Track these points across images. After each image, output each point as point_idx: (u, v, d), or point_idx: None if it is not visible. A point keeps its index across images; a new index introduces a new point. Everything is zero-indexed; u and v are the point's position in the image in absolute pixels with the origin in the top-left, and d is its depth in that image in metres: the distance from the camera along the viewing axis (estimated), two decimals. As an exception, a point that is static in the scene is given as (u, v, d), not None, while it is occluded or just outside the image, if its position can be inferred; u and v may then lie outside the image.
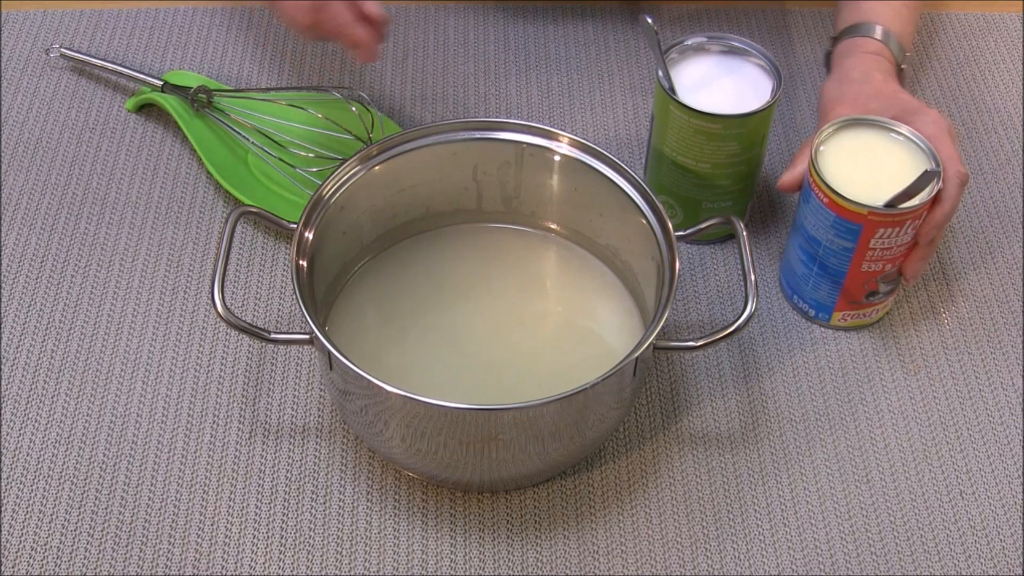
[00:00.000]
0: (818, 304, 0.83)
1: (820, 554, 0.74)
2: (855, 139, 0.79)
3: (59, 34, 1.02)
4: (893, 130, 0.79)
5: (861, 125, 0.80)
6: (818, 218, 0.78)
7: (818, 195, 0.77)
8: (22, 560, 0.73)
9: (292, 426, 0.79)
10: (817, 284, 0.82)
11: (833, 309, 0.83)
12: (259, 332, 0.72)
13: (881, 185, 0.76)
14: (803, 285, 0.83)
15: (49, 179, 0.92)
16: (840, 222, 0.77)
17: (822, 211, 0.77)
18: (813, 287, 0.82)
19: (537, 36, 1.03)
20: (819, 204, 0.77)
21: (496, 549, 0.74)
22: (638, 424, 0.80)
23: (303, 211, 0.76)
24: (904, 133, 0.79)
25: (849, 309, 0.82)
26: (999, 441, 0.79)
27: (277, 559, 0.73)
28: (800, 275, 0.82)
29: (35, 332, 0.83)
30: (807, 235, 0.80)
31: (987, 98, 0.99)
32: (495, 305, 0.82)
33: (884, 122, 0.79)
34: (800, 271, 0.82)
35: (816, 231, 0.79)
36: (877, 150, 0.79)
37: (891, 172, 0.77)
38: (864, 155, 0.78)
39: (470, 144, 0.80)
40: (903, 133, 0.79)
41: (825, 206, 0.77)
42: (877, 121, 0.80)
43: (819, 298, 0.82)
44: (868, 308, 0.82)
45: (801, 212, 0.80)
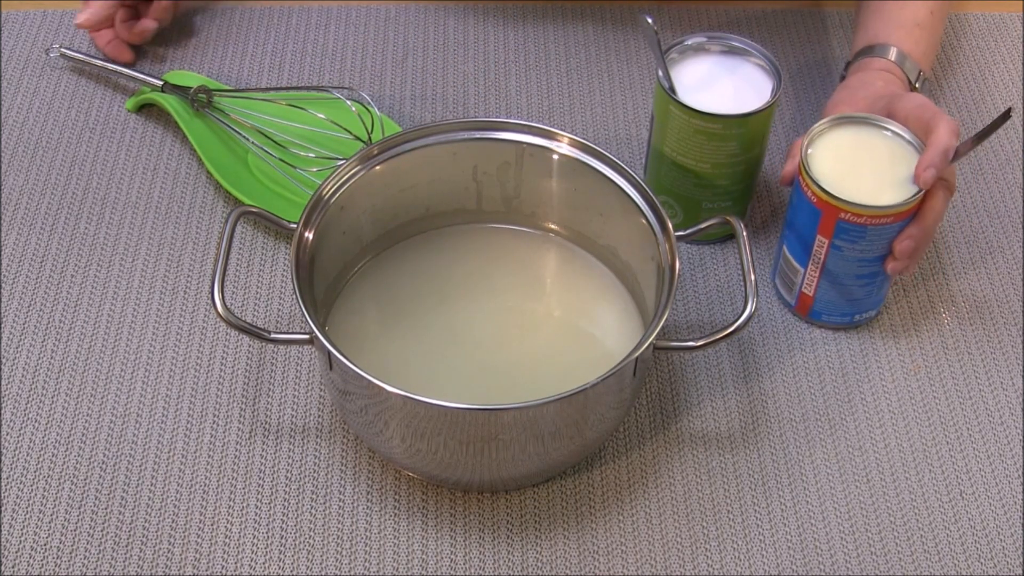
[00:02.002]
0: (879, 300, 0.83)
1: (820, 554, 0.74)
2: (843, 137, 0.79)
3: (59, 34, 1.02)
4: (883, 127, 0.79)
5: (850, 123, 0.80)
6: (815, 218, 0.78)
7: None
8: (22, 560, 0.73)
9: (292, 426, 0.79)
10: (880, 286, 0.82)
11: (887, 291, 0.83)
12: (259, 332, 0.72)
13: (876, 183, 0.77)
14: (864, 301, 0.82)
15: (49, 179, 0.92)
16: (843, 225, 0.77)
17: (812, 211, 0.78)
18: (876, 291, 0.82)
19: (537, 36, 1.03)
20: (810, 205, 0.78)
21: (496, 549, 0.74)
22: (638, 424, 0.80)
23: (303, 211, 0.76)
24: (893, 129, 0.79)
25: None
26: (999, 441, 0.79)
27: (277, 559, 0.73)
28: (863, 295, 0.82)
29: (35, 332, 0.83)
30: (867, 260, 0.79)
31: (987, 98, 0.99)
32: (495, 305, 0.82)
33: (873, 119, 0.79)
34: (860, 292, 0.82)
35: (877, 250, 0.79)
36: (866, 147, 0.79)
37: (881, 168, 0.78)
38: (853, 152, 0.78)
39: (470, 144, 0.80)
40: (891, 129, 0.79)
41: (815, 205, 0.77)
42: (866, 119, 0.79)
43: (880, 294, 0.83)
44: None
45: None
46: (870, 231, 0.76)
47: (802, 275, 0.81)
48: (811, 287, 0.82)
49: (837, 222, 0.77)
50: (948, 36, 1.04)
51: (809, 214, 0.78)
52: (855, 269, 0.79)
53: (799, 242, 0.80)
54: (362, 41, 1.03)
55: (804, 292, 0.82)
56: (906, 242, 0.77)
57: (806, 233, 0.79)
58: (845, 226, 0.76)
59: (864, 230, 0.76)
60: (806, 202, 0.78)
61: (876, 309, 0.84)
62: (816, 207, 0.77)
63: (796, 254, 0.81)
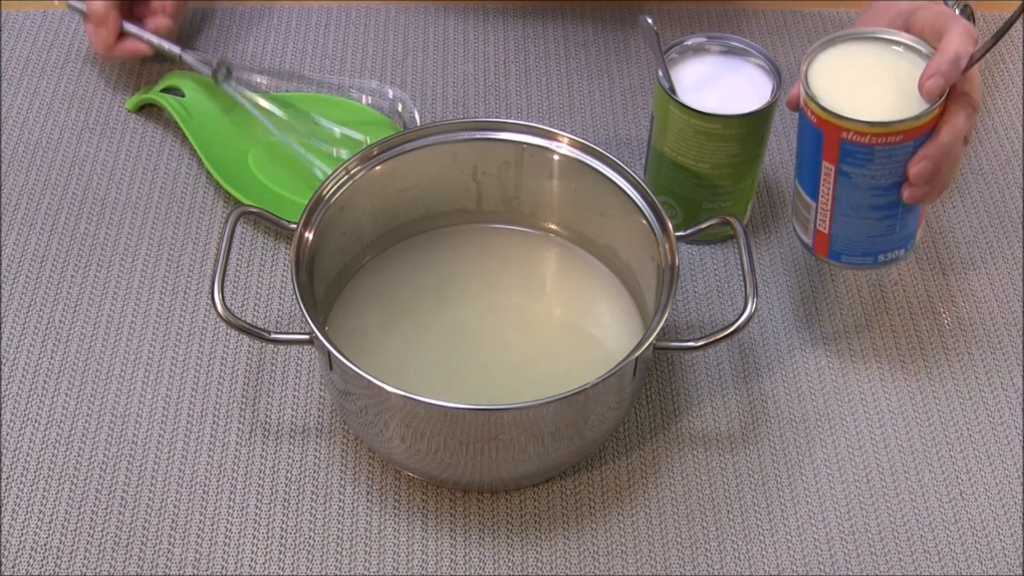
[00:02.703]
0: (907, 238, 0.77)
1: (820, 554, 0.74)
2: (848, 53, 0.73)
3: (59, 34, 1.02)
4: (893, 40, 0.73)
5: (855, 39, 0.74)
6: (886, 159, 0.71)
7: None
8: (22, 560, 0.73)
9: (292, 426, 0.79)
10: (904, 219, 0.75)
11: (917, 228, 0.77)
12: (259, 332, 0.72)
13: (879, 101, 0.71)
14: (887, 237, 0.76)
15: (49, 179, 0.92)
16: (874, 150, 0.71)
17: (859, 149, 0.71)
18: (900, 227, 0.75)
19: (537, 36, 1.03)
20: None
21: (496, 549, 0.74)
22: (638, 424, 0.80)
23: (303, 211, 0.76)
24: (905, 42, 0.72)
25: (922, 216, 0.77)
26: (999, 441, 0.79)
27: (277, 559, 0.73)
28: (884, 229, 0.75)
29: (35, 332, 0.83)
30: (882, 188, 0.72)
31: (987, 98, 0.99)
32: (495, 305, 0.82)
33: (882, 33, 0.73)
34: (880, 226, 0.75)
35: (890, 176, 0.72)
36: (873, 62, 0.72)
37: (889, 84, 0.71)
38: (858, 69, 0.72)
39: (470, 144, 0.81)
40: (904, 42, 0.72)
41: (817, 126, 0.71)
42: (874, 33, 0.73)
43: (907, 229, 0.76)
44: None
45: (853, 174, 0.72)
46: (878, 152, 0.70)
47: (815, 210, 0.75)
48: (825, 223, 0.76)
49: (840, 144, 0.71)
50: (948, 36, 1.04)
51: (812, 138, 0.72)
52: (869, 199, 0.73)
53: (808, 173, 0.74)
54: (362, 41, 1.02)
55: (819, 230, 0.76)
56: (921, 164, 0.70)
57: (812, 161, 0.73)
58: (850, 148, 0.71)
59: (871, 151, 0.70)
60: (808, 125, 0.72)
61: (905, 248, 0.77)
62: (817, 128, 0.71)
63: (807, 187, 0.75)
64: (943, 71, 0.69)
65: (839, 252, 0.77)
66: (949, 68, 0.69)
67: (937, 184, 0.71)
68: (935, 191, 0.72)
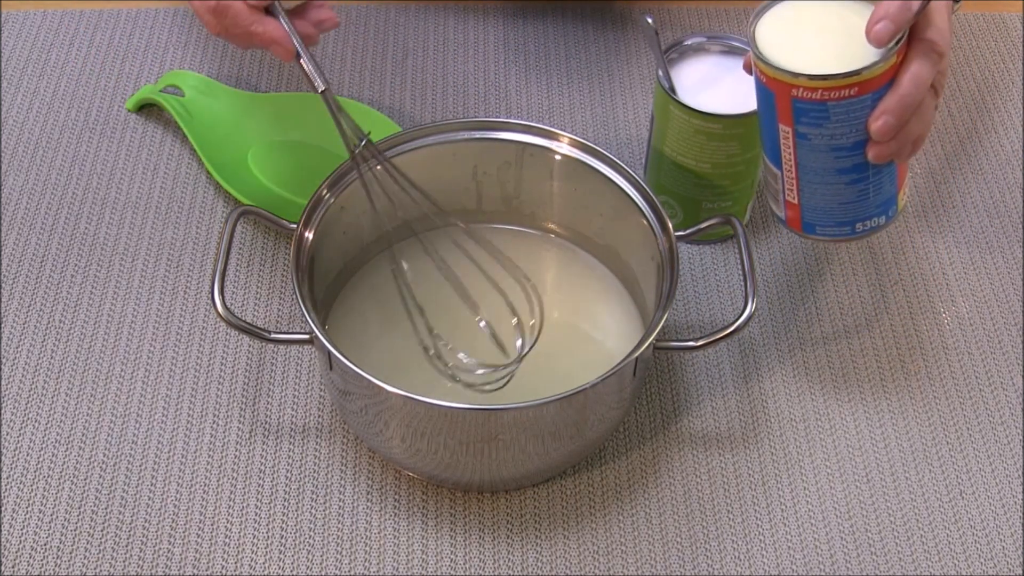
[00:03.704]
0: (885, 204, 0.72)
1: (820, 554, 0.74)
2: (798, 7, 0.68)
3: (59, 34, 1.02)
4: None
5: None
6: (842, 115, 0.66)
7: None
8: (22, 560, 0.73)
9: (292, 426, 0.79)
10: (879, 183, 0.70)
11: (898, 193, 0.72)
12: (259, 332, 0.72)
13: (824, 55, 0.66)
14: (861, 204, 0.71)
15: (49, 179, 0.92)
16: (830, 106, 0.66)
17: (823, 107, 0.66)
18: (875, 191, 0.70)
19: (537, 36, 1.03)
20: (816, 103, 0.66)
21: (496, 549, 0.74)
22: (638, 424, 0.80)
23: (303, 211, 0.76)
24: None
25: (903, 176, 0.72)
26: (999, 441, 0.79)
27: (277, 559, 0.73)
28: (856, 195, 0.70)
29: (35, 332, 0.83)
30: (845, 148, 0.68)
31: (987, 98, 0.99)
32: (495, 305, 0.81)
33: None
34: (852, 192, 0.70)
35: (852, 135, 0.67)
36: (825, 15, 0.67)
37: (842, 36, 0.66)
38: (809, 22, 0.68)
39: (470, 144, 0.81)
40: None
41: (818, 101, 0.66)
42: None
43: (884, 195, 0.71)
44: (908, 165, 0.73)
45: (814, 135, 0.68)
46: (832, 109, 0.66)
47: (781, 180, 0.71)
48: (793, 193, 0.71)
49: (793, 103, 0.66)
50: (948, 36, 1.04)
51: (765, 100, 0.68)
52: (833, 162, 0.68)
53: (769, 140, 0.70)
54: (362, 41, 1.03)
55: (789, 200, 0.72)
56: (882, 118, 0.65)
57: (770, 126, 0.69)
58: (802, 106, 0.66)
59: (825, 108, 0.66)
60: (761, 86, 0.68)
61: (886, 215, 0.72)
62: (768, 88, 0.67)
63: (770, 155, 0.71)
64: (892, 15, 0.63)
65: (812, 224, 0.72)
66: (899, 12, 0.63)
67: (905, 140, 0.66)
68: (905, 148, 0.67)
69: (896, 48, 0.64)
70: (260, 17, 0.70)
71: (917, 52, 0.65)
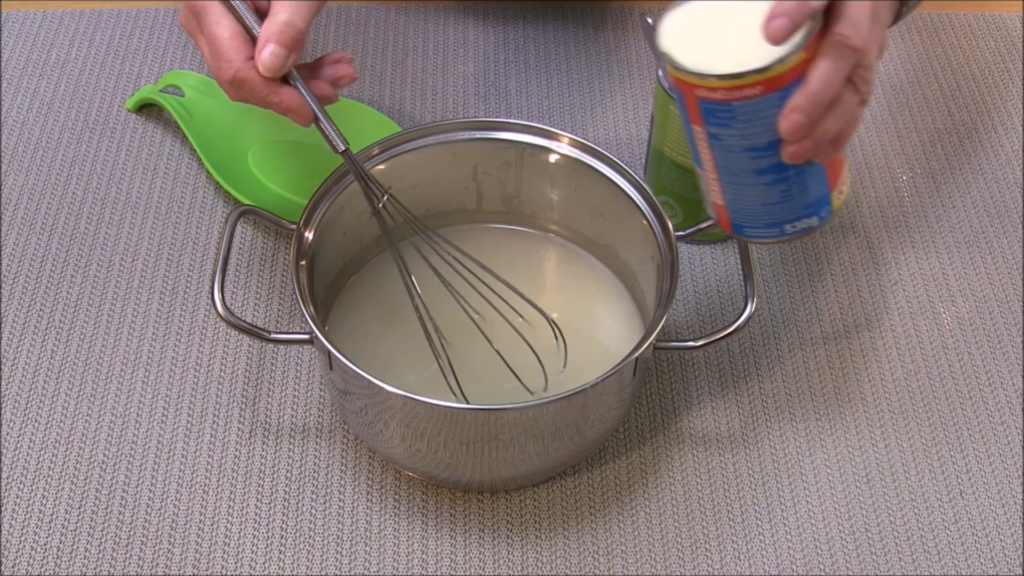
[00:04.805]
0: (815, 204, 0.69)
1: (820, 554, 0.74)
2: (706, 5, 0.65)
3: (59, 34, 1.02)
4: None
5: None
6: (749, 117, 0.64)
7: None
8: (22, 560, 0.73)
9: (292, 426, 0.79)
10: (802, 184, 0.67)
11: (830, 192, 0.69)
12: (259, 332, 0.72)
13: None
14: (786, 205, 0.68)
15: (49, 179, 0.92)
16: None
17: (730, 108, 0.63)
18: (799, 192, 0.68)
19: (537, 36, 1.03)
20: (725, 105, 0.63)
21: (496, 549, 0.74)
22: (638, 424, 0.80)
23: (303, 211, 0.76)
24: None
25: (836, 174, 0.69)
26: (999, 441, 0.79)
27: (277, 559, 0.73)
28: (778, 196, 0.67)
29: (35, 332, 0.83)
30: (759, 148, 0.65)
31: (987, 98, 0.99)
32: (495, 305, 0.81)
33: None
34: (773, 192, 0.67)
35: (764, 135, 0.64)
36: (732, 11, 0.64)
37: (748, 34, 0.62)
38: (715, 20, 0.64)
39: (470, 144, 0.81)
40: None
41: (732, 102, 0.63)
42: None
43: (812, 195, 0.68)
44: (844, 162, 0.70)
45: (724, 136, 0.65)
46: (738, 109, 0.63)
47: (705, 180, 0.69)
48: (717, 193, 0.69)
49: (699, 103, 0.64)
50: (948, 36, 1.04)
51: (678, 102, 0.65)
52: (749, 163, 0.65)
53: (689, 141, 0.68)
54: (362, 41, 1.03)
55: (715, 202, 0.69)
56: (790, 117, 0.62)
57: (687, 127, 0.67)
58: (708, 106, 0.63)
59: (730, 108, 0.63)
60: (672, 87, 0.65)
61: (817, 215, 0.69)
62: (677, 89, 0.64)
63: (693, 156, 0.68)
64: (788, 11, 0.60)
65: (740, 224, 0.70)
66: (796, 8, 0.60)
67: (822, 139, 0.63)
68: (823, 147, 0.64)
69: (804, 44, 0.61)
70: (275, 87, 0.70)
71: (827, 47, 0.62)
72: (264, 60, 0.68)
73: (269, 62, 0.68)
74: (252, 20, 0.69)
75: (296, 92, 0.70)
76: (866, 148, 0.95)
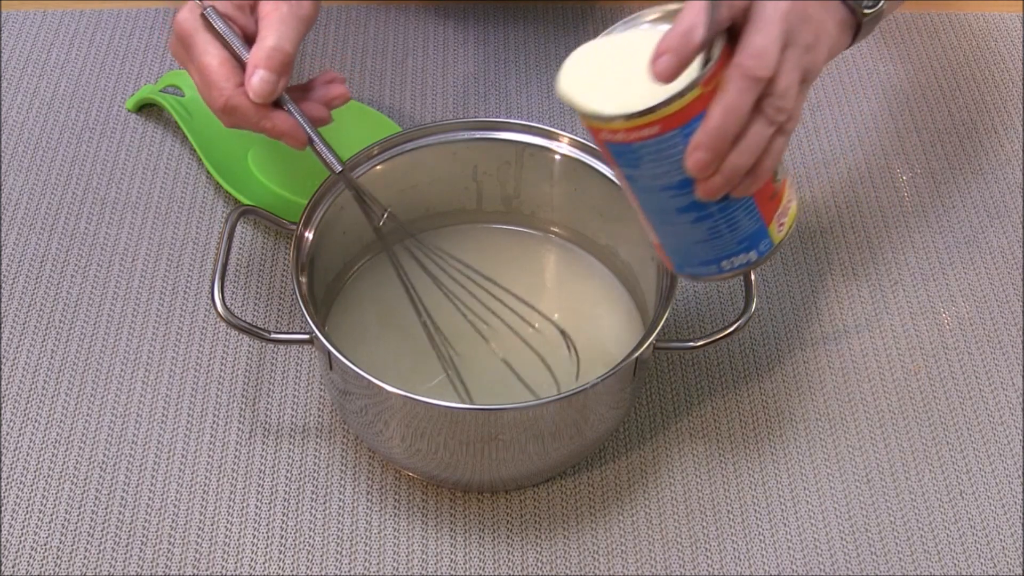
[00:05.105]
0: (750, 239, 0.66)
1: (820, 554, 0.74)
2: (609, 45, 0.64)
3: (59, 34, 1.02)
4: (650, 22, 0.63)
5: (619, 28, 0.65)
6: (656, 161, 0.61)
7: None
8: (22, 560, 0.73)
9: (292, 426, 0.79)
10: (730, 219, 0.65)
11: (766, 226, 0.66)
12: (259, 332, 0.72)
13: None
14: (717, 242, 0.66)
15: (49, 179, 0.92)
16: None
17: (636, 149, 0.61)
18: (729, 228, 0.65)
19: (537, 36, 1.03)
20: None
21: (496, 549, 0.74)
22: (638, 424, 0.80)
23: (303, 211, 0.76)
24: (648, 20, 0.63)
25: (773, 207, 0.66)
26: (999, 441, 0.79)
27: (277, 559, 0.73)
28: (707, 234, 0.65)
29: (35, 332, 0.83)
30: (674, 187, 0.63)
31: (987, 98, 0.99)
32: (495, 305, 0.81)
33: (641, 17, 0.64)
34: (701, 231, 0.65)
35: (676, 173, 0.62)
36: (632, 51, 0.62)
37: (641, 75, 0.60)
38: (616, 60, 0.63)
39: (470, 144, 0.80)
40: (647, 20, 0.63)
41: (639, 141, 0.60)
42: (636, 19, 0.64)
43: (744, 230, 0.65)
44: (784, 192, 0.66)
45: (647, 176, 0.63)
46: (642, 149, 0.61)
47: (640, 220, 0.67)
48: (651, 233, 0.67)
49: (606, 145, 0.62)
50: (948, 36, 1.04)
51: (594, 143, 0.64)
52: (669, 202, 0.63)
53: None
54: (362, 41, 1.03)
55: (653, 241, 0.68)
56: (694, 155, 0.60)
57: (611, 168, 0.65)
58: (615, 148, 0.62)
59: (632, 149, 0.61)
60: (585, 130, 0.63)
61: (756, 251, 0.66)
62: (587, 130, 0.63)
63: (628, 196, 0.67)
64: (673, 47, 0.58)
65: (679, 263, 0.68)
66: (680, 44, 0.58)
67: (733, 174, 0.61)
68: (738, 182, 0.61)
69: (703, 77, 0.59)
70: (267, 112, 0.69)
71: (728, 78, 0.59)
72: (254, 86, 0.68)
73: (259, 88, 0.68)
74: (240, 46, 0.69)
75: (288, 116, 0.70)
76: (866, 148, 0.95)
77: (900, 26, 1.04)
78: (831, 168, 0.94)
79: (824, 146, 0.95)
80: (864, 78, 1.00)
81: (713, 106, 0.59)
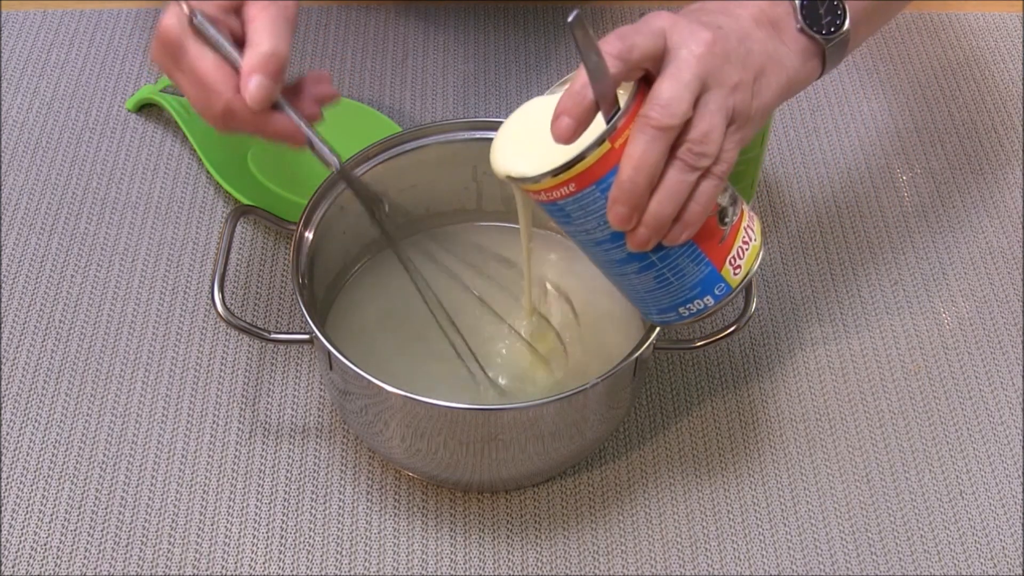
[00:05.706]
0: (702, 284, 0.66)
1: (820, 554, 0.74)
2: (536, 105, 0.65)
3: (59, 34, 1.02)
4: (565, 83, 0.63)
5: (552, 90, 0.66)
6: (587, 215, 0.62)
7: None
8: (22, 560, 0.73)
9: (292, 426, 0.79)
10: (674, 267, 0.64)
11: (718, 270, 0.65)
12: (259, 332, 0.72)
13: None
14: (667, 290, 0.66)
15: (49, 179, 0.92)
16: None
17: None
18: (675, 275, 0.65)
19: (537, 36, 1.03)
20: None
21: (496, 549, 0.74)
22: (638, 424, 0.80)
23: (303, 211, 0.76)
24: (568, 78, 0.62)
25: (724, 250, 0.65)
26: (999, 441, 0.79)
27: (277, 559, 0.73)
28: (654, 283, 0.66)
29: (35, 332, 0.83)
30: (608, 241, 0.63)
31: (987, 98, 0.99)
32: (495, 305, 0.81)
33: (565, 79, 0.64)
34: (648, 280, 0.65)
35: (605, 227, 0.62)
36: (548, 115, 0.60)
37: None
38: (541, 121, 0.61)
39: (470, 144, 0.80)
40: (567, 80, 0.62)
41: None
42: (567, 80, 0.63)
43: (692, 276, 0.65)
44: (737, 233, 0.66)
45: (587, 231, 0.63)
46: (567, 207, 0.62)
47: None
48: (612, 284, 0.69)
49: (539, 204, 0.63)
50: (948, 36, 1.04)
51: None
52: (608, 255, 0.64)
53: None
54: (362, 41, 1.03)
55: (618, 290, 0.69)
56: (613, 209, 0.60)
57: None
58: (546, 207, 0.63)
59: (559, 206, 0.62)
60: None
61: (711, 295, 0.66)
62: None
63: None
64: (566, 108, 0.58)
65: (643, 311, 0.69)
66: (573, 104, 0.58)
67: (659, 223, 0.60)
68: (665, 231, 0.61)
69: (608, 133, 0.59)
70: (266, 116, 0.68)
71: (635, 131, 0.59)
72: (252, 93, 0.67)
73: (257, 94, 0.67)
74: (231, 49, 0.68)
75: (286, 117, 0.69)
76: (866, 148, 0.95)
77: (900, 26, 1.04)
78: (831, 168, 0.94)
79: (824, 146, 0.95)
80: (864, 78, 1.00)
81: (623, 160, 0.59)
